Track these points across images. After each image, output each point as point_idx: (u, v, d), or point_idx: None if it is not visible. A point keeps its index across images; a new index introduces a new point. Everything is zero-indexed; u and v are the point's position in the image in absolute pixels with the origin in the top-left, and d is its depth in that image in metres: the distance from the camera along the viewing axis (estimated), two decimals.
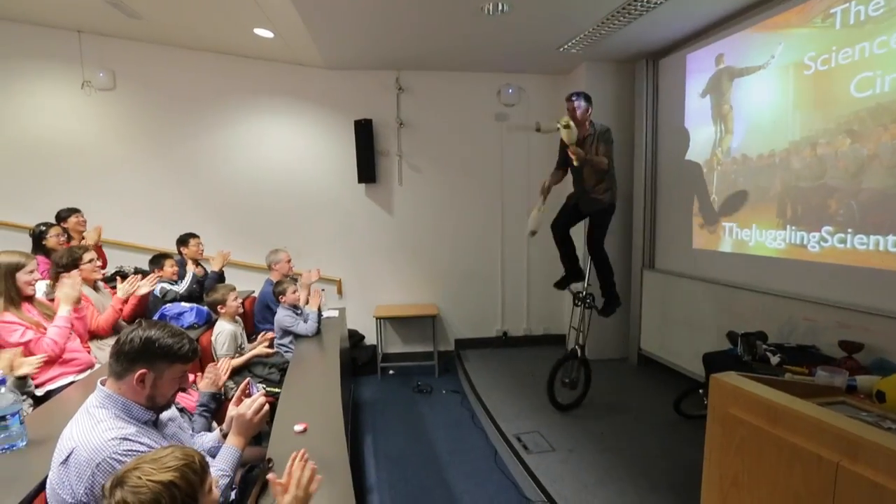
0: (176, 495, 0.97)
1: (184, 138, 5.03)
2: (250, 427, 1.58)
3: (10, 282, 2.31)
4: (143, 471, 0.97)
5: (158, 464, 1.00)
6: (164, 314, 2.93)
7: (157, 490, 0.96)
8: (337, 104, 5.19)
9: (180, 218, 4.76)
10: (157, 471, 0.98)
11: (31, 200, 4.69)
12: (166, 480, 0.97)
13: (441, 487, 3.09)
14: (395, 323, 5.45)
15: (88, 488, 1.26)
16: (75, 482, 1.26)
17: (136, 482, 0.95)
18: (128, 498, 0.94)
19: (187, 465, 1.02)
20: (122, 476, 0.98)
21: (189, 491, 1.00)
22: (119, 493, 0.95)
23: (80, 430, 1.33)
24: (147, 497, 0.94)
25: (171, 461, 1.01)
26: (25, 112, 4.80)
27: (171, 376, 1.46)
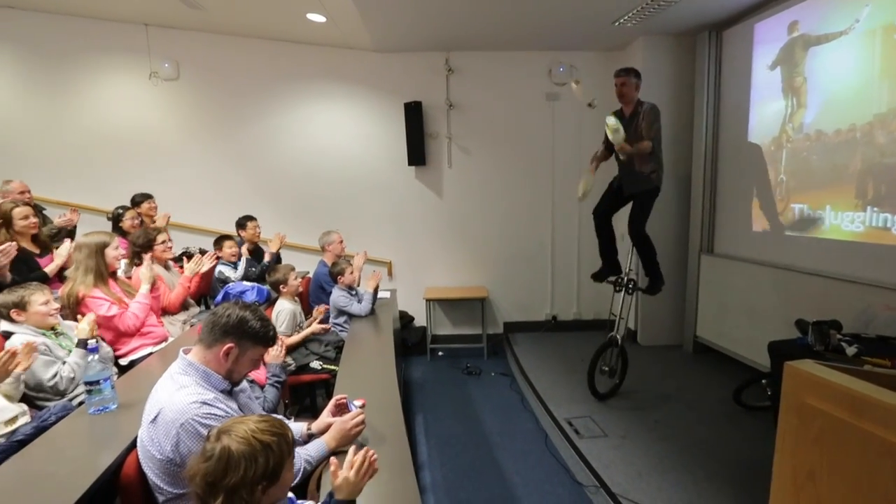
0: (269, 458, 1.04)
1: (241, 125, 5.23)
2: (346, 436, 1.64)
3: (99, 258, 2.51)
4: (249, 426, 1.06)
5: (263, 425, 1.08)
6: (228, 292, 3.09)
7: (257, 447, 1.04)
8: (387, 87, 5.22)
9: (239, 201, 4.97)
10: (261, 431, 1.06)
11: (106, 186, 5.03)
12: (266, 441, 1.05)
13: (491, 467, 3.13)
14: (444, 305, 5.51)
15: (174, 445, 1.37)
16: (163, 440, 1.38)
17: (243, 434, 1.04)
18: (231, 445, 1.02)
19: (284, 437, 1.10)
20: (229, 426, 1.06)
21: (279, 459, 1.07)
22: (225, 439, 1.03)
23: (166, 393, 1.44)
24: (247, 450, 1.03)
25: (273, 427, 1.09)
26: (100, 103, 5.13)
27: (251, 356, 1.57)
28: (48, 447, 1.52)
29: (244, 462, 1.03)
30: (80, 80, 5.10)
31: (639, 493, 2.59)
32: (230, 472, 1.02)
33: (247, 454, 1.04)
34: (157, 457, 1.39)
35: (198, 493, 1.03)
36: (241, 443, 1.04)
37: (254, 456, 1.04)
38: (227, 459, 1.02)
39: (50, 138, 5.09)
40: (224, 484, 1.01)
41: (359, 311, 3.43)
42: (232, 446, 1.04)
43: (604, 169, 3.71)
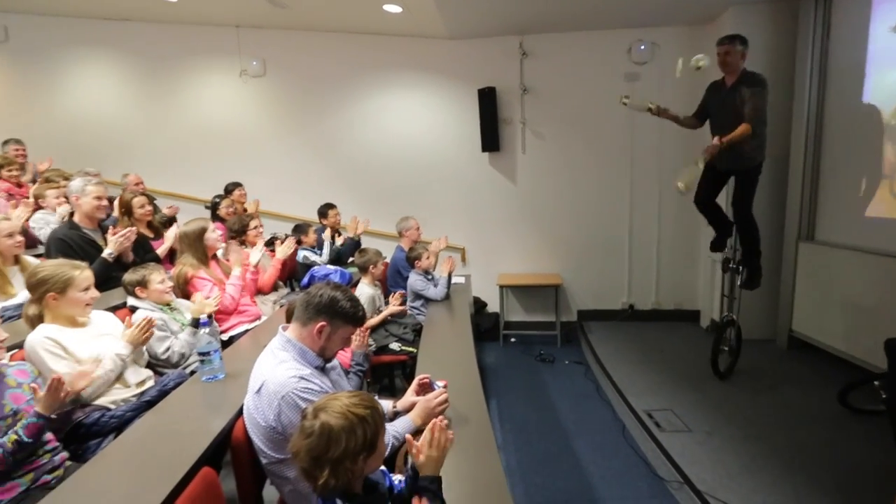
0: (366, 430, 1.10)
1: (322, 116, 5.47)
2: (431, 414, 1.69)
3: (200, 243, 2.76)
4: (343, 402, 1.12)
5: (355, 399, 1.14)
6: (314, 275, 3.28)
7: (354, 420, 1.09)
8: (460, 74, 5.22)
9: (320, 189, 5.22)
10: (354, 405, 1.12)
11: (203, 176, 5.48)
12: (361, 414, 1.11)
13: (566, 455, 3.10)
14: (517, 291, 5.47)
15: (276, 415, 1.48)
16: (266, 409, 1.50)
17: (339, 409, 1.10)
18: (330, 420, 1.08)
19: (375, 409, 1.16)
20: (324, 404, 1.13)
21: (374, 430, 1.13)
22: (323, 415, 1.10)
23: (268, 367, 1.57)
24: (345, 423, 1.08)
25: (364, 401, 1.15)
26: (197, 102, 5.59)
27: (342, 335, 1.65)
28: (170, 408, 1.71)
29: (344, 435, 1.09)
30: (180, 82, 5.58)
31: (728, 493, 2.45)
32: (332, 446, 1.08)
33: (346, 428, 1.09)
34: (261, 424, 1.51)
35: (304, 467, 1.10)
36: (338, 418, 1.10)
37: (352, 429, 1.10)
38: (328, 434, 1.09)
39: (156, 136, 5.62)
40: (328, 457, 1.08)
41: (435, 296, 3.51)
42: (331, 421, 1.10)
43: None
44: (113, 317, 2.15)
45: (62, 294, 1.85)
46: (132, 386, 1.97)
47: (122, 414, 1.86)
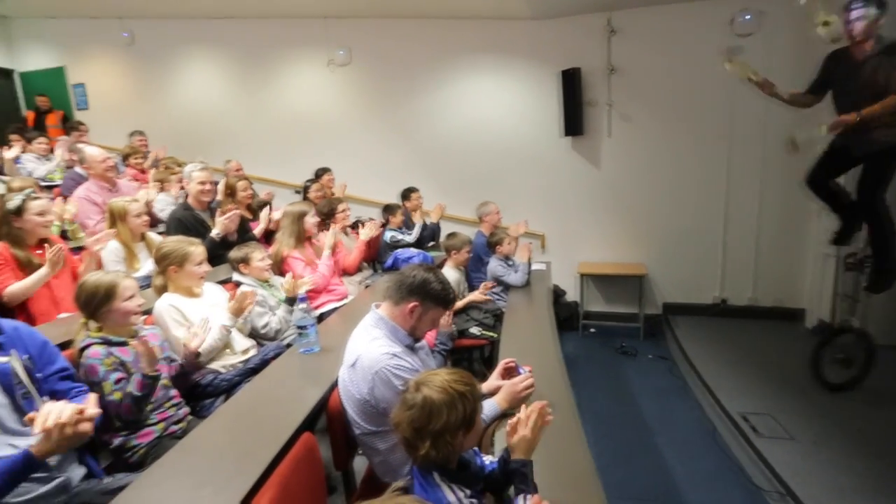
0: (465, 406, 1.12)
1: (404, 102, 5.56)
2: (516, 398, 1.67)
3: (299, 225, 2.94)
4: (443, 378, 1.15)
5: (454, 376, 1.16)
6: (397, 257, 3.37)
7: (454, 395, 1.12)
8: (543, 55, 5.06)
9: (401, 174, 5.33)
10: (454, 381, 1.14)
11: (293, 162, 5.80)
12: (461, 391, 1.13)
13: (649, 452, 2.97)
14: (598, 281, 5.28)
15: (369, 389, 1.55)
16: (360, 383, 1.57)
17: (440, 384, 1.13)
18: (432, 394, 1.12)
19: (474, 387, 1.17)
20: (425, 379, 1.16)
21: (473, 407, 1.14)
22: (425, 389, 1.13)
23: (362, 343, 1.63)
24: (446, 398, 1.11)
25: (464, 378, 1.17)
26: (288, 92, 5.91)
27: (432, 316, 1.68)
28: (272, 376, 1.84)
29: (445, 409, 1.11)
30: (273, 74, 5.92)
31: None
32: (434, 419, 1.11)
33: (446, 402, 1.12)
34: (355, 396, 1.58)
35: (406, 437, 1.14)
36: (439, 392, 1.13)
37: (452, 403, 1.12)
38: (429, 407, 1.12)
39: (253, 124, 6.03)
40: (429, 429, 1.11)
41: (515, 282, 3.47)
42: (432, 395, 1.13)
43: None
44: (221, 289, 2.35)
45: (181, 267, 2.06)
46: (238, 353, 2.15)
47: (231, 378, 2.05)
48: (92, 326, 1.67)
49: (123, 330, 1.71)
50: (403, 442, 1.17)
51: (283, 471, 1.25)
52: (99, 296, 1.64)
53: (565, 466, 1.39)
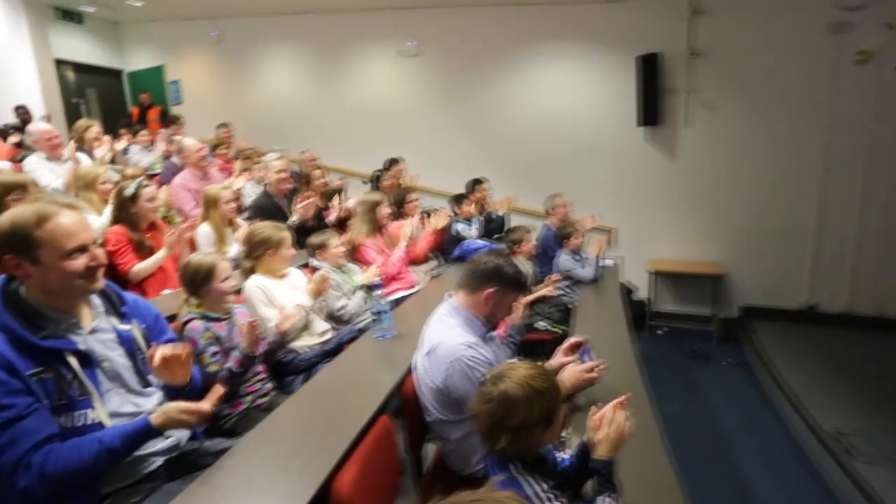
0: (544, 404, 1.11)
1: (472, 93, 5.55)
2: (580, 382, 1.67)
3: (373, 215, 3.04)
4: (522, 373, 1.14)
5: (534, 371, 1.15)
6: (464, 248, 3.39)
7: (532, 393, 1.11)
8: (617, 41, 4.86)
9: (469, 166, 5.32)
10: (533, 378, 1.13)
11: (363, 152, 5.97)
12: (540, 388, 1.12)
13: (726, 463, 2.82)
14: (670, 279, 5.04)
15: (445, 378, 1.57)
16: (435, 371, 1.60)
17: (518, 380, 1.13)
18: (509, 389, 1.12)
19: (554, 385, 1.16)
20: (504, 372, 1.16)
21: (552, 405, 1.13)
22: (502, 384, 1.13)
23: (439, 331, 1.66)
24: (524, 395, 1.11)
25: (544, 375, 1.16)
26: (359, 84, 6.08)
27: (508, 301, 1.69)
28: (349, 359, 1.93)
29: (522, 406, 1.11)
30: (345, 66, 6.11)
31: None
32: (511, 414, 1.11)
33: (524, 398, 1.11)
34: (430, 384, 1.62)
35: (483, 429, 1.15)
36: (517, 388, 1.12)
37: (530, 401, 1.11)
38: (506, 402, 1.12)
39: (326, 116, 6.27)
40: (507, 424, 1.11)
41: (583, 276, 3.39)
42: (510, 390, 1.12)
43: None
44: (300, 273, 2.48)
45: (276, 251, 2.21)
46: (316, 335, 2.27)
47: (310, 358, 2.17)
48: (192, 303, 1.83)
49: (219, 307, 1.85)
50: (481, 433, 1.18)
51: (364, 450, 1.31)
52: (200, 275, 1.79)
53: (645, 470, 1.34)
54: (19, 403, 1.15)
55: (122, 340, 1.39)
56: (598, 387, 1.92)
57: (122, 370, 1.36)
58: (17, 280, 1.26)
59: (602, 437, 1.15)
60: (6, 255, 1.20)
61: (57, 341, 1.24)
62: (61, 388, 1.22)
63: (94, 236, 1.31)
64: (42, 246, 1.21)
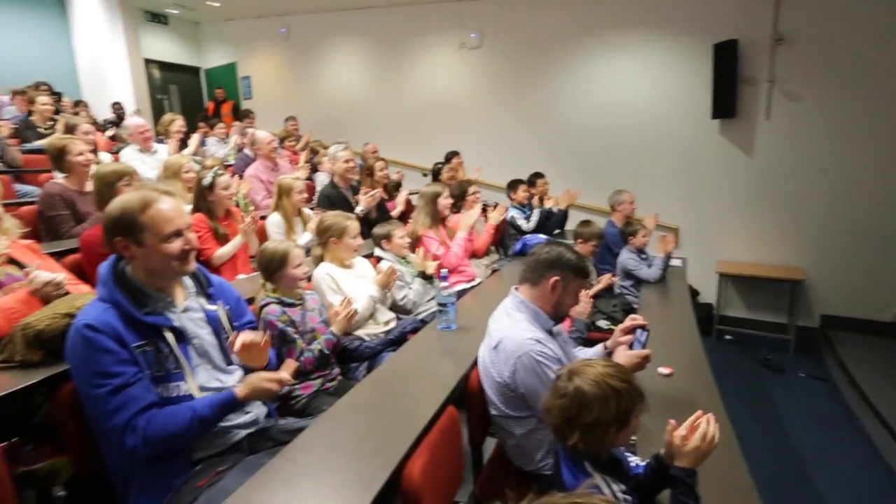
0: (620, 404, 1.08)
1: (534, 86, 5.46)
2: (633, 368, 1.62)
3: (433, 206, 3.07)
4: (599, 371, 1.12)
5: (611, 370, 1.12)
6: (526, 242, 3.36)
7: (607, 391, 1.08)
8: (691, 27, 4.61)
9: (530, 159, 5.25)
10: (610, 376, 1.10)
11: (422, 145, 6.03)
12: (616, 387, 1.08)
13: (805, 484, 2.63)
14: (740, 283, 4.75)
15: (511, 374, 1.56)
16: (502, 366, 1.59)
17: (594, 377, 1.10)
18: (584, 386, 1.09)
19: (632, 385, 1.11)
20: (579, 369, 1.14)
21: (628, 405, 1.09)
22: (577, 380, 1.11)
23: (505, 325, 1.65)
24: (598, 392, 1.08)
25: (621, 374, 1.12)
26: (419, 77, 6.14)
27: (573, 289, 1.66)
28: (413, 349, 1.95)
29: (597, 404, 1.08)
30: (407, 59, 6.19)
31: None
32: (584, 412, 1.09)
33: (599, 396, 1.08)
34: (495, 378, 1.61)
35: (555, 425, 1.14)
36: (592, 385, 1.10)
37: (605, 399, 1.08)
38: (580, 399, 1.10)
39: (386, 109, 6.39)
40: (580, 421, 1.09)
41: (648, 276, 3.26)
42: (584, 387, 1.10)
43: None
44: (367, 262, 2.55)
45: (340, 239, 2.29)
46: (381, 324, 2.33)
47: (374, 346, 2.22)
48: (269, 288, 1.92)
49: (292, 293, 1.94)
50: (552, 429, 1.17)
51: (432, 439, 1.33)
52: (275, 261, 1.88)
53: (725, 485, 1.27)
54: (127, 372, 1.26)
55: (210, 320, 1.49)
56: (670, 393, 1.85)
57: (210, 347, 1.46)
58: (124, 260, 1.38)
59: (692, 447, 1.09)
60: (116, 238, 1.32)
61: (157, 317, 1.35)
62: (159, 360, 1.33)
63: (189, 222, 1.40)
64: (145, 230, 1.31)
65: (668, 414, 1.17)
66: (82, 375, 1.28)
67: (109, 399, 1.24)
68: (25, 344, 1.52)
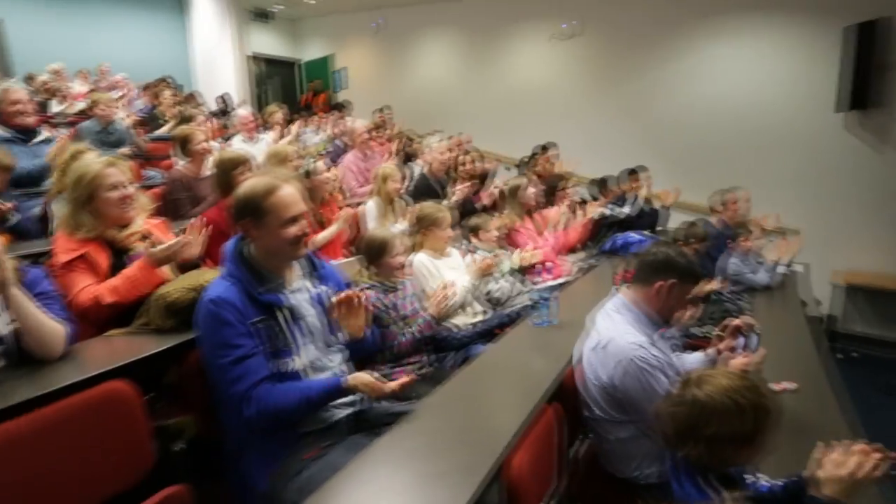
0: (745, 422, 0.98)
1: (634, 75, 5.18)
2: None
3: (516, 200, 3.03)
4: (725, 383, 1.02)
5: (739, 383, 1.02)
6: (617, 241, 3.20)
7: (731, 407, 0.98)
8: (823, 7, 4.11)
9: (625, 153, 4.97)
10: (736, 390, 1.00)
11: (511, 137, 5.93)
12: (742, 403, 0.98)
13: None
14: (865, 295, 4.21)
15: (612, 377, 1.49)
16: (604, 368, 1.52)
17: (719, 388, 1.01)
18: (707, 396, 1.01)
19: (762, 402, 1.00)
20: (703, 377, 1.06)
21: (754, 426, 0.98)
22: (698, 389, 1.03)
23: (608, 326, 1.58)
24: (720, 406, 0.99)
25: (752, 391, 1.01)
26: (510, 67, 6.05)
27: (682, 293, 1.56)
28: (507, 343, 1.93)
29: (716, 418, 0.99)
30: (498, 50, 6.12)
31: None
32: (703, 423, 1.00)
33: (720, 411, 0.99)
34: (595, 380, 1.55)
35: (668, 433, 1.07)
36: (716, 398, 1.00)
37: (727, 414, 0.99)
38: (699, 410, 1.01)
39: (476, 100, 6.38)
40: (697, 433, 1.01)
41: (757, 282, 2.99)
42: (705, 399, 1.01)
43: None
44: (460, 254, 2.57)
45: (433, 229, 2.33)
46: (471, 315, 2.34)
47: (462, 337, 2.23)
48: (368, 272, 1.99)
49: (391, 279, 2.00)
50: (663, 436, 1.10)
51: (533, 436, 1.31)
52: (375, 248, 1.94)
53: None
54: (247, 344, 1.36)
55: (317, 301, 1.56)
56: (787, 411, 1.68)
57: (316, 328, 1.53)
58: (245, 241, 1.49)
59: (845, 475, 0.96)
60: (242, 220, 1.42)
61: (273, 296, 1.44)
62: (273, 336, 1.42)
63: (305, 208, 1.48)
64: (268, 213, 1.40)
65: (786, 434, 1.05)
66: (207, 345, 1.39)
67: (231, 369, 1.34)
68: (159, 311, 1.68)
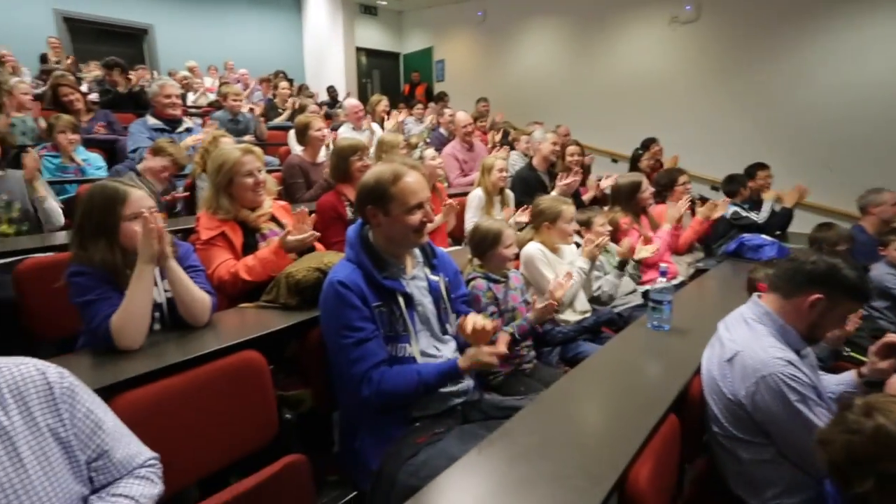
0: None
1: (758, 64, 4.67)
2: None
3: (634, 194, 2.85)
4: None
5: None
6: (743, 243, 2.91)
7: None
8: None
9: (743, 148, 4.55)
10: None
11: (613, 130, 5.66)
12: None
13: None
14: None
15: (749, 393, 1.34)
16: (737, 382, 1.38)
17: None
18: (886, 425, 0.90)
19: None
20: (884, 405, 0.94)
21: None
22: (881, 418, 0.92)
23: (743, 337, 1.43)
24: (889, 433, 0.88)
25: None
26: (618, 56, 5.74)
27: (840, 312, 1.38)
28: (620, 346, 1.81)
29: None
30: (606, 38, 5.81)
31: None
32: (886, 457, 0.88)
33: None
34: (725, 395, 1.41)
35: (835, 463, 0.95)
36: None
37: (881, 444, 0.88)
38: (883, 441, 0.89)
39: (578, 91, 6.14)
40: (876, 468, 0.89)
41: None
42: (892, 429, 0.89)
43: None
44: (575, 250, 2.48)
45: (553, 223, 2.26)
46: (577, 312, 2.26)
47: (566, 333, 2.16)
48: (476, 263, 1.99)
49: (499, 271, 1.97)
50: (829, 465, 0.98)
51: (655, 447, 1.22)
52: (488, 240, 1.92)
53: None
54: (367, 328, 1.41)
55: (432, 289, 1.58)
56: None
57: (430, 315, 1.55)
58: (367, 226, 1.54)
59: None
60: (368, 206, 1.47)
61: (393, 282, 1.48)
62: (391, 321, 1.46)
63: (429, 196, 1.49)
64: (393, 200, 1.43)
65: None
66: (331, 325, 1.46)
67: (352, 349, 1.40)
68: (286, 289, 1.81)
